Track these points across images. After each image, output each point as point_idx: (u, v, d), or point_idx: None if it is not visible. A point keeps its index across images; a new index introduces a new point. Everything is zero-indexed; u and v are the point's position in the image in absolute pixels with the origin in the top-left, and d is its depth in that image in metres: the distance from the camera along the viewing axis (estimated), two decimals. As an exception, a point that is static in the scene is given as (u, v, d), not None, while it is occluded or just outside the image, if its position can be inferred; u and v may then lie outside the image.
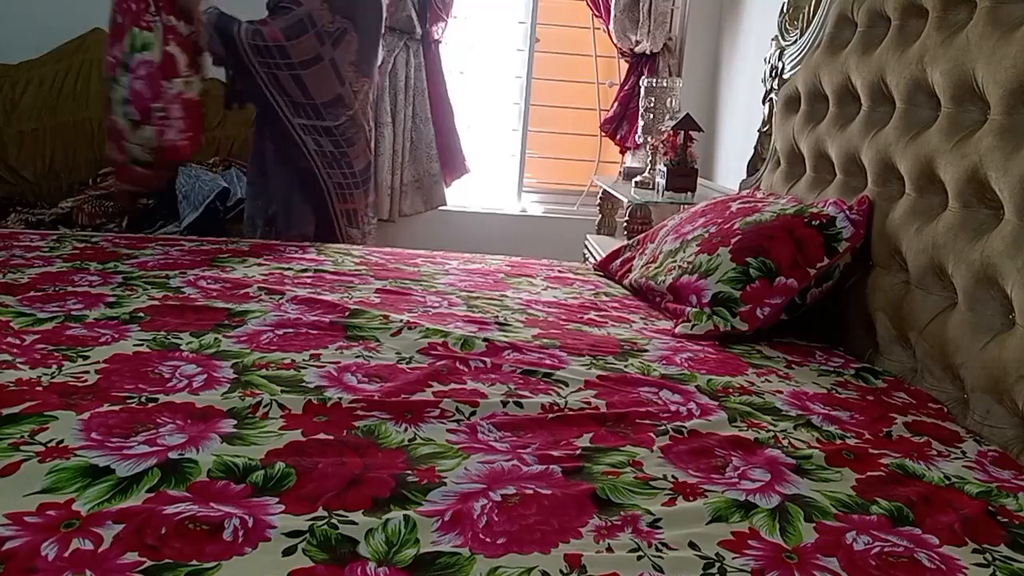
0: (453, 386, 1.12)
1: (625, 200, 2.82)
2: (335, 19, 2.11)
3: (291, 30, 2.07)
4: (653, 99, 3.10)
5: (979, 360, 1.20)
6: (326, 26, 2.10)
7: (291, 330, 1.30)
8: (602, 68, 3.62)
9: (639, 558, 0.73)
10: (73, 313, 1.30)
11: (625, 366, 1.26)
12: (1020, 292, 1.16)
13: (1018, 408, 1.10)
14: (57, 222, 2.85)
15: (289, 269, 1.75)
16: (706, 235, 1.69)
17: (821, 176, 1.87)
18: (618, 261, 2.02)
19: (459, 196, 3.46)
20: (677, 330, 1.51)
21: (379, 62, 2.39)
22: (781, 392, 1.21)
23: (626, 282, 1.89)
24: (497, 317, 1.49)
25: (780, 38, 2.21)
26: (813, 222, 1.56)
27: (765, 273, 1.53)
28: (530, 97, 3.51)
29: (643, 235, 2.07)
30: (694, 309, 1.54)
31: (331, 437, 0.92)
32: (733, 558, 0.74)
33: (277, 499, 0.78)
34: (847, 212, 1.57)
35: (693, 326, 1.50)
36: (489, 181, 3.54)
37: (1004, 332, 1.19)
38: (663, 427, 1.03)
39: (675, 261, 1.70)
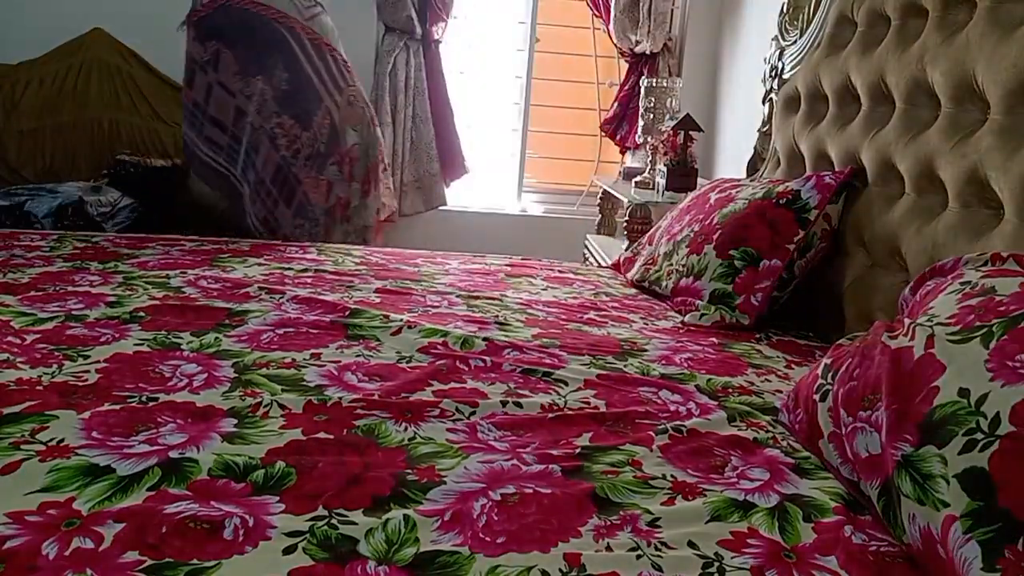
0: (453, 385, 1.12)
1: (625, 200, 2.82)
2: (206, 47, 2.29)
3: (188, 80, 2.33)
4: (653, 99, 3.10)
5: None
6: (202, 57, 2.30)
7: (291, 329, 1.31)
8: (602, 68, 3.62)
9: (638, 557, 0.74)
10: (73, 313, 1.31)
11: (625, 366, 1.26)
12: (1019, 292, 1.16)
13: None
14: (57, 222, 2.85)
15: (289, 269, 1.75)
16: (692, 235, 1.75)
17: (821, 176, 1.87)
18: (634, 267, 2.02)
19: (459, 196, 3.46)
20: (687, 319, 1.58)
21: (268, 56, 2.40)
22: (780, 392, 1.21)
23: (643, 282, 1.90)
24: (497, 317, 1.49)
25: (780, 38, 2.22)
26: (781, 201, 1.64)
27: (749, 261, 1.59)
28: (530, 97, 3.51)
29: (647, 236, 2.10)
30: (703, 302, 1.60)
31: (331, 436, 0.92)
32: (732, 557, 0.74)
33: (277, 498, 0.78)
34: (816, 179, 1.65)
35: (702, 316, 1.57)
36: (489, 181, 3.54)
37: (1003, 332, 1.19)
38: (662, 427, 1.03)
39: (672, 264, 1.75)
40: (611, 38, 3.41)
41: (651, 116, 3.11)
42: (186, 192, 2.67)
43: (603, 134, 3.55)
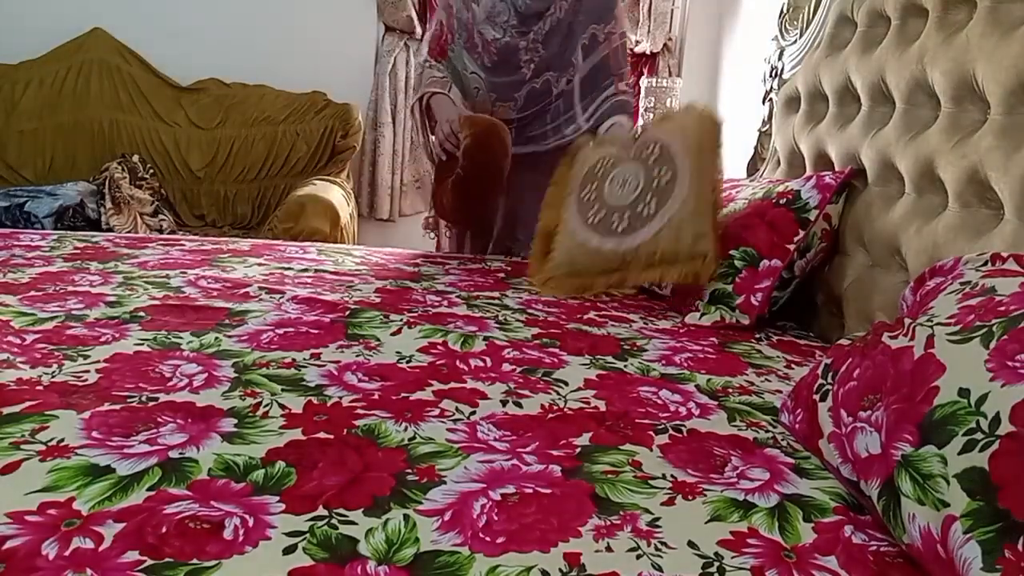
0: (453, 385, 1.12)
1: (625, 200, 2.81)
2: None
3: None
4: (653, 99, 3.10)
5: (978, 360, 1.20)
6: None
7: (291, 329, 1.31)
8: (602, 68, 3.61)
9: (638, 557, 0.73)
10: (74, 312, 1.31)
11: (625, 366, 1.26)
12: (1019, 292, 1.16)
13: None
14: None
15: (289, 269, 1.75)
16: None
17: (821, 176, 1.87)
18: None
19: (459, 196, 3.45)
20: (687, 319, 1.58)
21: None
22: (781, 392, 1.21)
23: None
24: (497, 317, 1.49)
25: (780, 38, 2.22)
26: (780, 201, 1.64)
27: (749, 261, 1.59)
28: (530, 97, 3.50)
29: None
30: (703, 302, 1.60)
31: (331, 436, 0.92)
32: (732, 557, 0.74)
33: (277, 498, 0.78)
34: (816, 179, 1.64)
35: (702, 316, 1.57)
36: (489, 181, 3.53)
37: (1003, 332, 1.18)
38: (662, 426, 1.03)
39: None
40: (611, 38, 3.40)
41: (651, 116, 3.11)
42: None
43: (603, 134, 3.55)
